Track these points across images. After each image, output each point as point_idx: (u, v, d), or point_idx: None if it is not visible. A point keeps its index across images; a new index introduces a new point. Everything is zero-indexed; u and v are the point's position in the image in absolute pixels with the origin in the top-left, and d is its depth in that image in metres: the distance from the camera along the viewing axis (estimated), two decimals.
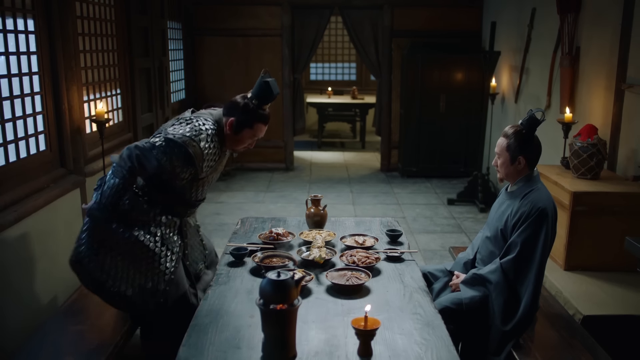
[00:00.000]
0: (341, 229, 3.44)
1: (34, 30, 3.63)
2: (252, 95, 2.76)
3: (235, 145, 2.84)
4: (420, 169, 7.96)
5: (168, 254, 2.69)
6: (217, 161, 2.80)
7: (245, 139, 2.81)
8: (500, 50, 6.77)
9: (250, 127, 2.76)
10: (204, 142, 2.62)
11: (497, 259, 2.68)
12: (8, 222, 3.06)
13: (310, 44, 8.37)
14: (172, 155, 2.57)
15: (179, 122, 2.69)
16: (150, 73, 5.80)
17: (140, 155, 2.57)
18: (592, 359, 2.48)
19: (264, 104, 2.77)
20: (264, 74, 2.74)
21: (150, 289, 2.61)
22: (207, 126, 2.67)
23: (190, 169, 2.64)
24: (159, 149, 2.57)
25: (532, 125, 2.69)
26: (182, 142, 2.57)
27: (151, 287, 2.62)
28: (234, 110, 2.74)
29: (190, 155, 2.58)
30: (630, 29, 4.01)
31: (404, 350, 2.08)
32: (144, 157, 2.57)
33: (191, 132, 2.61)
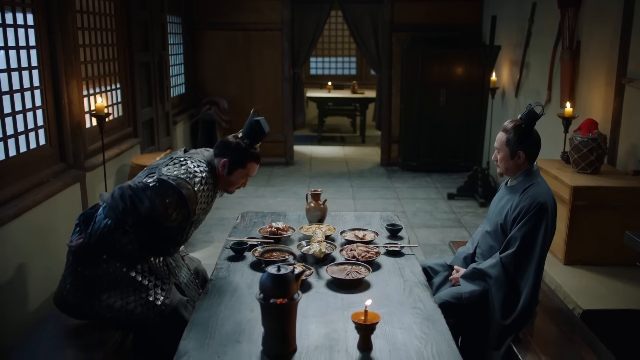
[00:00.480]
0: (341, 223, 3.44)
1: (33, 24, 3.62)
2: (244, 134, 2.76)
3: (229, 186, 2.83)
4: (420, 163, 7.96)
5: (158, 283, 2.67)
6: (209, 203, 2.78)
7: (238, 179, 2.79)
8: (501, 45, 6.76)
9: (242, 167, 2.76)
10: (198, 185, 2.61)
11: (497, 253, 2.69)
12: (8, 217, 3.06)
13: (310, 38, 8.35)
14: (165, 197, 2.53)
15: (173, 162, 2.66)
16: (150, 67, 5.79)
17: (133, 195, 2.54)
18: (591, 353, 2.49)
19: (255, 142, 2.78)
20: (253, 112, 2.75)
21: (139, 314, 2.59)
22: (200, 168, 2.67)
23: (183, 210, 2.60)
24: (152, 189, 2.54)
25: (532, 119, 2.68)
26: (176, 184, 2.54)
27: (140, 313, 2.59)
28: (226, 150, 2.74)
29: (184, 198, 2.56)
30: (631, 23, 4.00)
31: (404, 344, 2.09)
32: (137, 198, 2.53)
33: (186, 174, 2.59)
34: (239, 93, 8.23)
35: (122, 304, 2.57)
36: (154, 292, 2.64)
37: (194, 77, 8.14)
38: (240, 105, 8.23)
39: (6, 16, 3.34)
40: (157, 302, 2.61)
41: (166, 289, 2.68)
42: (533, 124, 2.70)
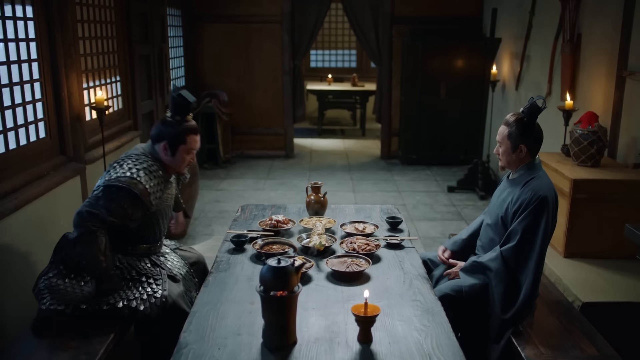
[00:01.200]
0: (341, 216, 3.45)
1: (32, 16, 3.61)
2: (172, 112, 2.76)
3: (178, 167, 2.82)
4: (420, 156, 7.96)
5: (151, 281, 2.70)
6: (163, 191, 2.78)
7: (183, 156, 2.78)
8: (501, 37, 6.74)
9: (183, 143, 2.75)
10: (144, 177, 2.61)
11: (498, 246, 2.69)
12: (8, 210, 3.07)
13: (310, 31, 8.33)
14: (119, 200, 2.54)
15: (113, 166, 2.66)
16: (149, 60, 5.78)
17: (89, 211, 2.51)
18: (590, 345, 2.49)
19: (185, 115, 2.77)
20: (173, 89, 2.75)
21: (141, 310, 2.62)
22: (141, 160, 2.67)
23: (140, 206, 2.62)
24: (103, 198, 2.54)
25: (534, 113, 2.68)
26: (123, 184, 2.55)
27: (142, 309, 2.62)
28: (161, 133, 2.75)
29: (135, 195, 2.57)
30: (632, 16, 3.99)
31: (404, 336, 2.10)
32: (92, 211, 2.51)
33: (129, 171, 2.59)
34: (238, 86, 8.22)
35: (124, 303, 2.60)
36: (150, 288, 2.67)
37: (193, 70, 8.13)
38: (240, 98, 8.22)
39: (5, 8, 3.33)
40: (157, 295, 2.63)
41: (160, 282, 2.70)
42: (535, 118, 2.69)
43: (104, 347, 2.44)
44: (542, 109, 2.68)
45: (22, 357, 2.39)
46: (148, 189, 2.62)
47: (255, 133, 8.42)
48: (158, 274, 2.76)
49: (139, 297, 2.62)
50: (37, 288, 2.64)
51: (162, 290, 2.66)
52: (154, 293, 2.65)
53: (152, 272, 2.76)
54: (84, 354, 2.38)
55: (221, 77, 8.19)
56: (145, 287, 2.67)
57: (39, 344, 2.46)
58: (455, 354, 1.99)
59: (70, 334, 2.51)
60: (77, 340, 2.48)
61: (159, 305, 2.61)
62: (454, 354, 1.99)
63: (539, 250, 2.58)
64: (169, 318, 2.63)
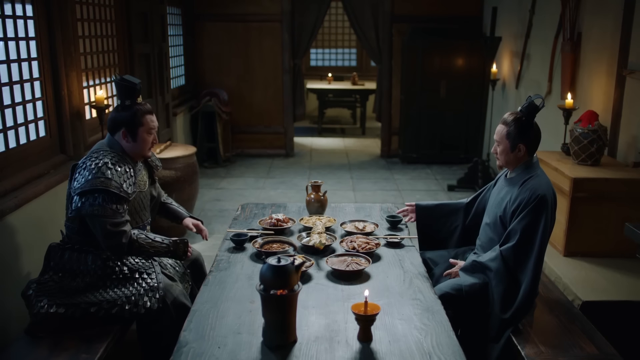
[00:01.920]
0: (341, 214, 3.45)
1: (32, 15, 3.61)
2: (121, 98, 2.76)
3: (142, 150, 2.82)
4: (420, 155, 7.96)
5: (145, 276, 2.71)
6: (135, 176, 2.76)
7: (145, 137, 2.78)
8: (501, 36, 6.74)
9: (141, 125, 2.75)
10: (107, 171, 2.60)
11: (497, 246, 2.68)
12: (8, 209, 3.06)
13: (311, 30, 8.33)
14: (102, 202, 2.55)
15: (77, 173, 2.65)
16: (149, 59, 5.78)
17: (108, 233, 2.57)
18: (590, 344, 2.49)
19: (135, 97, 2.76)
20: (114, 78, 2.76)
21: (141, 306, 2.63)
22: (99, 158, 2.64)
23: (120, 200, 2.61)
24: (86, 207, 2.55)
25: (532, 112, 2.67)
26: (93, 186, 2.55)
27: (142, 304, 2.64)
28: (117, 123, 2.74)
29: (108, 192, 2.57)
30: (632, 15, 3.99)
31: (404, 335, 2.10)
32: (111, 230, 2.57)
33: (90, 173, 2.58)
34: (238, 84, 8.22)
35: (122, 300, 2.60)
36: (145, 283, 2.67)
37: (193, 69, 8.12)
38: (240, 96, 8.22)
39: (5, 7, 3.33)
40: (154, 288, 2.64)
41: (154, 275, 2.72)
42: (533, 117, 2.69)
43: (104, 346, 2.45)
44: (540, 108, 2.68)
45: (22, 356, 2.39)
46: (117, 179, 2.61)
47: (255, 132, 8.41)
48: (150, 267, 2.77)
49: (136, 292, 2.63)
50: (29, 291, 2.63)
51: (157, 282, 2.67)
52: (150, 286, 2.66)
53: (145, 266, 2.76)
54: (84, 354, 2.39)
55: (221, 76, 8.19)
56: (140, 282, 2.68)
57: (39, 343, 2.46)
58: (455, 352, 1.99)
59: (70, 334, 2.51)
60: (77, 340, 2.48)
61: (157, 298, 2.62)
62: (453, 353, 1.99)
63: (538, 249, 2.58)
64: (173, 316, 2.63)
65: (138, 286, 2.66)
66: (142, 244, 2.69)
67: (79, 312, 2.54)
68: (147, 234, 2.76)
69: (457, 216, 3.20)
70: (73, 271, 2.66)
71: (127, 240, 2.62)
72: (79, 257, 2.68)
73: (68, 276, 2.66)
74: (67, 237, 2.77)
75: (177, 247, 2.80)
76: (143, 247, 2.69)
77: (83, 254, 2.69)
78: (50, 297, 2.58)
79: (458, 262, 2.91)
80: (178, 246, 2.80)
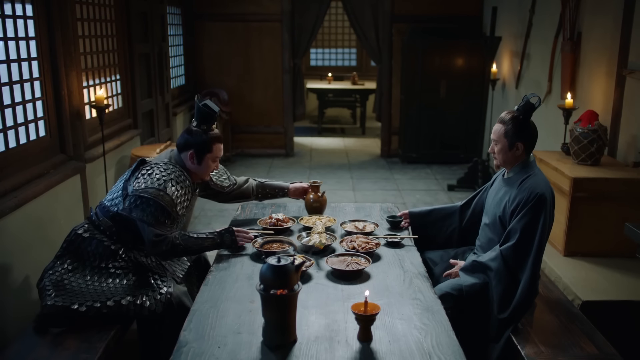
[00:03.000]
0: (341, 214, 3.44)
1: (32, 15, 3.61)
2: (197, 122, 2.80)
3: (204, 175, 2.88)
4: (420, 154, 7.96)
5: (156, 277, 2.74)
6: (190, 200, 2.84)
7: (209, 164, 2.84)
8: (501, 36, 6.74)
9: (210, 152, 2.80)
10: (170, 188, 2.65)
11: (497, 246, 2.68)
12: (8, 209, 3.07)
13: (311, 29, 8.32)
14: (150, 209, 2.60)
15: (141, 174, 2.68)
16: (149, 58, 5.78)
17: (156, 235, 2.62)
18: (590, 344, 2.49)
19: (211, 124, 2.82)
20: (198, 99, 2.80)
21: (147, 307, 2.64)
22: (168, 171, 2.70)
23: (168, 216, 2.66)
24: (138, 211, 2.60)
25: (528, 110, 2.68)
26: (151, 196, 2.60)
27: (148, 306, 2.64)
28: (188, 143, 2.79)
29: (162, 207, 2.62)
30: (632, 15, 3.98)
31: (404, 335, 2.10)
32: (156, 232, 2.63)
33: (157, 182, 2.63)
34: (238, 84, 8.22)
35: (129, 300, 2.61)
36: (155, 284, 2.68)
37: (193, 69, 8.12)
38: (240, 96, 8.22)
39: (5, 7, 3.33)
40: (162, 292, 2.65)
41: (165, 279, 2.72)
42: (530, 115, 2.70)
43: (104, 345, 2.45)
44: (537, 106, 2.68)
45: (22, 355, 2.38)
46: (174, 199, 2.67)
47: (255, 132, 8.41)
48: (163, 272, 2.78)
49: (144, 292, 2.64)
50: (42, 283, 2.64)
51: (167, 287, 2.68)
52: (159, 289, 2.66)
53: (158, 269, 2.77)
54: (84, 353, 2.38)
55: (221, 76, 8.19)
56: (150, 282, 2.69)
57: (39, 342, 2.46)
58: (455, 352, 1.99)
59: (71, 333, 2.51)
60: (77, 339, 2.48)
61: (163, 302, 2.63)
62: (453, 353, 1.99)
63: (537, 248, 2.58)
64: (175, 317, 2.63)
65: (147, 286, 2.66)
66: (187, 245, 2.71)
67: (84, 307, 2.54)
68: (190, 233, 2.78)
69: (452, 219, 3.21)
70: (90, 262, 2.68)
71: (169, 247, 2.66)
72: (100, 239, 2.70)
73: (82, 267, 2.66)
74: (96, 216, 2.78)
75: (223, 238, 2.82)
76: (189, 248, 2.72)
77: (104, 237, 2.72)
78: (60, 290, 2.57)
79: (458, 262, 2.91)
80: (224, 237, 2.82)
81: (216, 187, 3.15)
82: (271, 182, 3.42)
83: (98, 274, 2.67)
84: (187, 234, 2.75)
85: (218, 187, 3.16)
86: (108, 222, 2.74)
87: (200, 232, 2.83)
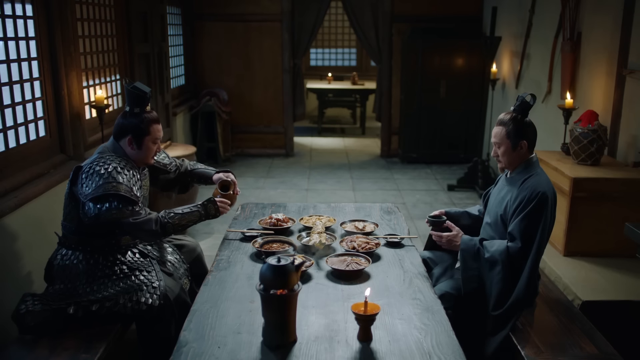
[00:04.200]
0: (341, 214, 3.45)
1: (32, 15, 3.61)
2: (130, 105, 2.76)
3: (146, 158, 2.84)
4: (420, 154, 7.96)
5: (145, 273, 2.73)
6: (142, 181, 2.81)
7: (150, 146, 2.80)
8: (501, 36, 6.74)
9: (148, 134, 2.76)
10: (118, 176, 2.60)
11: (505, 242, 2.66)
12: (8, 208, 3.07)
13: (310, 29, 8.32)
14: (119, 205, 2.56)
15: (84, 178, 2.63)
16: (149, 58, 5.77)
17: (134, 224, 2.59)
18: (590, 344, 2.49)
19: (144, 106, 2.78)
20: (126, 83, 2.78)
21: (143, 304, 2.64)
22: (108, 161, 2.65)
23: (133, 203, 2.62)
24: (105, 214, 2.55)
25: (525, 109, 2.69)
26: (106, 191, 2.55)
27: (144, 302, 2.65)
28: (124, 128, 2.75)
29: (122, 196, 2.57)
30: (632, 15, 3.98)
31: (404, 335, 2.10)
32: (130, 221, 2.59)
33: (101, 177, 2.58)
34: (238, 84, 8.22)
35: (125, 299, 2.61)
36: (146, 279, 2.68)
37: (193, 69, 8.12)
38: (240, 96, 8.22)
39: (5, 7, 3.33)
40: (154, 285, 2.65)
41: (154, 273, 2.74)
42: (527, 114, 2.71)
43: (104, 346, 2.44)
44: (532, 104, 2.70)
45: (22, 355, 2.39)
46: (127, 183, 2.62)
47: (255, 132, 8.41)
48: (149, 265, 2.78)
49: (137, 289, 2.64)
50: (50, 271, 2.70)
51: (158, 281, 2.68)
52: (151, 283, 2.67)
53: (143, 264, 2.77)
54: (84, 353, 2.39)
55: (221, 76, 8.19)
56: (141, 278, 2.69)
57: (39, 343, 2.46)
58: (455, 352, 2.00)
59: (70, 333, 2.51)
60: (77, 339, 2.48)
61: (159, 295, 2.63)
62: (453, 352, 1.99)
63: (537, 247, 2.59)
64: (173, 313, 2.64)
65: (139, 282, 2.67)
66: (175, 222, 2.69)
67: (81, 311, 2.54)
68: (175, 210, 2.75)
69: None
70: (77, 274, 2.68)
71: (159, 226, 2.64)
72: (78, 259, 2.69)
73: (73, 283, 2.68)
74: (63, 237, 2.77)
75: (208, 209, 2.81)
76: (177, 224, 2.70)
77: (81, 254, 2.70)
78: (52, 300, 2.57)
79: (456, 229, 2.87)
80: (208, 208, 2.81)
81: (159, 165, 3.06)
82: (199, 170, 3.28)
83: (89, 279, 2.67)
84: (172, 211, 2.72)
85: (161, 166, 3.08)
86: (74, 237, 2.73)
87: (184, 207, 2.77)
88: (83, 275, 2.67)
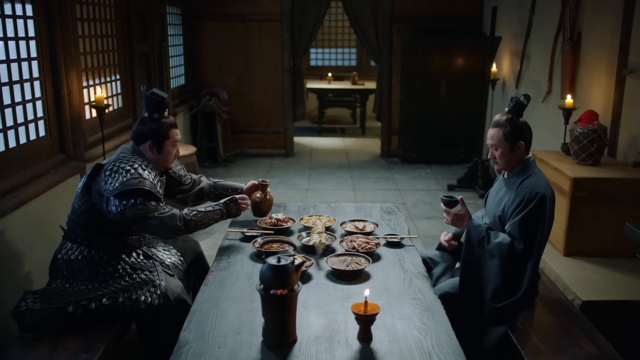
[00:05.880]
0: (341, 214, 3.45)
1: (32, 15, 3.61)
2: (148, 112, 2.81)
3: (166, 163, 2.88)
4: (420, 154, 7.96)
5: (147, 272, 2.75)
6: (162, 182, 2.84)
7: (170, 150, 2.85)
8: (501, 36, 6.74)
9: (167, 138, 2.81)
10: (144, 172, 2.65)
11: (510, 239, 2.65)
12: (8, 208, 3.07)
13: (310, 29, 8.32)
14: (144, 201, 2.59)
15: (107, 175, 2.64)
16: (149, 58, 5.77)
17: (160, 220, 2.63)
18: (590, 344, 2.49)
19: (163, 111, 2.83)
20: (143, 89, 2.82)
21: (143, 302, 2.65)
22: (132, 160, 2.69)
23: (157, 199, 2.66)
24: (131, 209, 2.57)
25: (519, 110, 2.70)
26: (130, 186, 2.57)
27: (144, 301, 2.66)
28: (144, 134, 2.79)
29: (148, 191, 2.61)
30: (632, 14, 3.98)
31: (404, 335, 2.10)
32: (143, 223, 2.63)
33: (127, 173, 2.61)
34: (238, 84, 8.22)
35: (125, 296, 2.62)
36: (147, 278, 2.69)
37: (193, 69, 8.12)
38: (240, 96, 8.22)
39: (5, 7, 3.33)
40: (155, 284, 2.66)
41: (156, 273, 2.75)
42: (521, 114, 2.71)
43: (104, 346, 2.45)
44: (527, 105, 2.70)
45: (22, 355, 2.39)
46: (153, 180, 2.67)
47: (255, 131, 8.41)
48: (152, 266, 2.80)
49: (137, 287, 2.65)
50: (54, 265, 2.72)
51: (159, 280, 2.69)
52: (152, 281, 2.68)
53: (146, 265, 2.79)
54: (84, 353, 2.39)
55: (221, 76, 8.19)
56: (142, 277, 2.71)
57: (39, 342, 2.46)
58: (455, 352, 2.00)
59: (70, 333, 2.51)
60: (77, 339, 2.48)
61: (159, 294, 2.63)
62: (453, 352, 1.99)
63: (537, 247, 2.59)
64: (174, 313, 2.64)
65: (140, 280, 2.69)
66: (198, 220, 2.76)
67: (81, 309, 2.54)
68: (197, 207, 2.82)
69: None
70: (79, 269, 2.69)
71: (182, 223, 2.69)
72: (83, 254, 2.71)
73: (75, 279, 2.69)
74: (69, 230, 2.78)
75: (230, 208, 2.92)
76: (199, 222, 2.76)
77: (86, 249, 2.72)
78: (52, 298, 2.58)
79: (465, 209, 2.81)
80: (229, 207, 2.92)
81: (175, 175, 3.10)
82: (225, 183, 3.40)
83: (91, 277, 2.69)
84: (195, 209, 2.79)
85: (176, 177, 3.11)
86: (81, 232, 2.74)
87: (207, 205, 2.87)
88: (85, 271, 2.69)
